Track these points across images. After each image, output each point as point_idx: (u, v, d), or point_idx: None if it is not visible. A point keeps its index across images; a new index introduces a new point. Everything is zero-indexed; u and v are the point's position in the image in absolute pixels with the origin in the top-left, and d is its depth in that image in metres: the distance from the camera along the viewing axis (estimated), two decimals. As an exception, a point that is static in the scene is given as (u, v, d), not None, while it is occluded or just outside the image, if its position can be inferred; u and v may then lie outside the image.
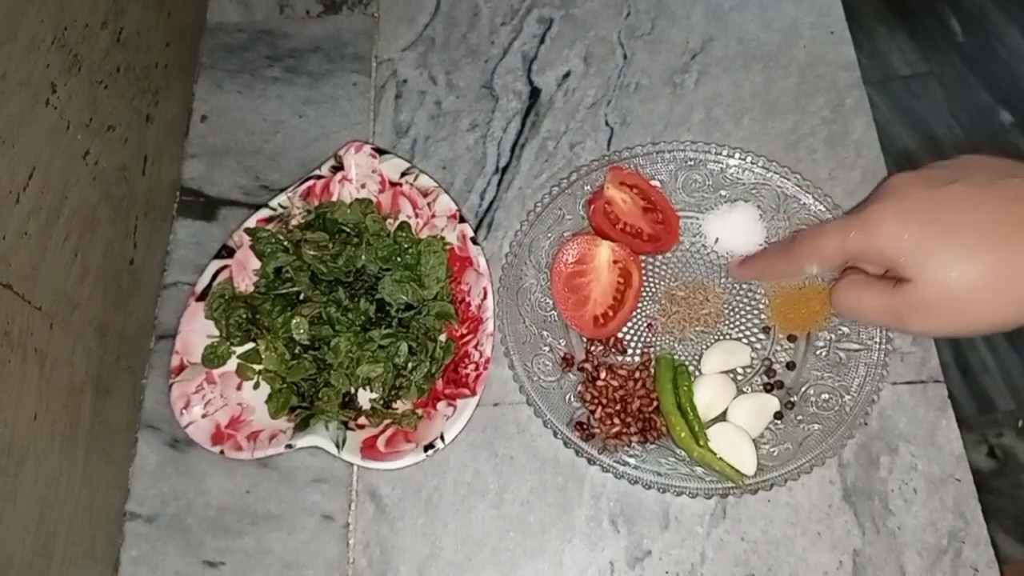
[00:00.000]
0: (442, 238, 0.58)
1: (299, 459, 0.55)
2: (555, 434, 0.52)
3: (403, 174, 0.60)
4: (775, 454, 0.51)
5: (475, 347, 0.55)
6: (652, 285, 0.58)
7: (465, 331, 0.56)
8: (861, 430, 0.52)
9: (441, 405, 0.54)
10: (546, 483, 0.54)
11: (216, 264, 0.58)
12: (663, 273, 0.58)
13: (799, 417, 0.52)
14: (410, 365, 0.55)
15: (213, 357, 0.56)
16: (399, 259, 0.57)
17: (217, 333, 0.56)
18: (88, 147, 0.52)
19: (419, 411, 0.55)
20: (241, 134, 0.66)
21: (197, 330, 0.56)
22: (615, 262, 0.56)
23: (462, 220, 0.58)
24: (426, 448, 0.51)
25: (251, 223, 0.59)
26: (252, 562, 0.53)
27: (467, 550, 0.53)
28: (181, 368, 0.55)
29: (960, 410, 0.55)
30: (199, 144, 0.66)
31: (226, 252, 0.58)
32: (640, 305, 0.57)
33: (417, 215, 0.60)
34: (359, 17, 0.71)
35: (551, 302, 0.57)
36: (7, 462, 0.43)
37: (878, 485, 0.53)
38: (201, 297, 0.57)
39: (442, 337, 0.56)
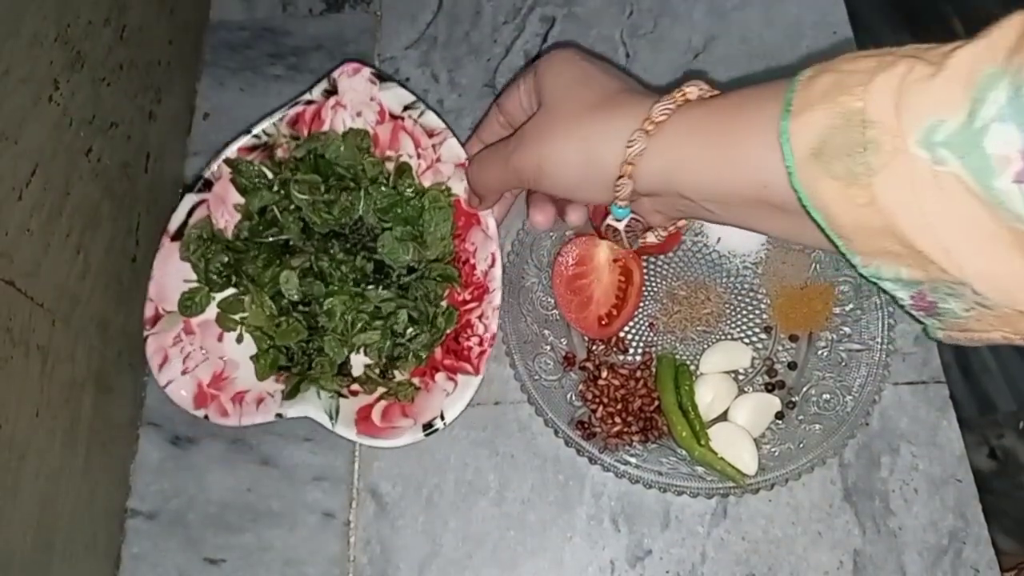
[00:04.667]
0: (448, 189, 0.53)
1: (300, 456, 0.55)
2: (556, 433, 0.52)
3: (406, 108, 0.54)
4: (776, 454, 0.51)
5: (479, 319, 0.51)
6: (654, 284, 0.58)
7: (468, 297, 0.52)
8: (862, 430, 0.52)
9: (440, 377, 0.51)
10: (547, 482, 0.54)
11: (192, 199, 0.53)
12: (665, 272, 0.58)
13: (800, 417, 0.52)
14: (409, 332, 0.51)
15: (190, 304, 0.51)
16: (399, 211, 0.52)
17: (194, 277, 0.52)
18: (91, 144, 0.52)
19: (416, 380, 0.52)
20: (243, 132, 0.66)
21: (172, 273, 0.51)
22: (615, 260, 0.56)
23: None
24: (425, 427, 0.49)
25: (231, 153, 0.53)
26: (253, 559, 0.53)
27: (468, 548, 0.53)
28: (157, 318, 0.51)
29: (961, 411, 0.55)
30: (201, 141, 0.66)
31: (203, 185, 0.53)
32: (642, 304, 0.57)
33: (419, 155, 0.54)
34: (361, 15, 0.71)
35: (552, 301, 0.57)
36: (8, 458, 0.43)
37: (879, 485, 0.53)
38: (176, 236, 0.52)
39: (443, 303, 0.53)
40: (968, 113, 0.28)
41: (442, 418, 0.49)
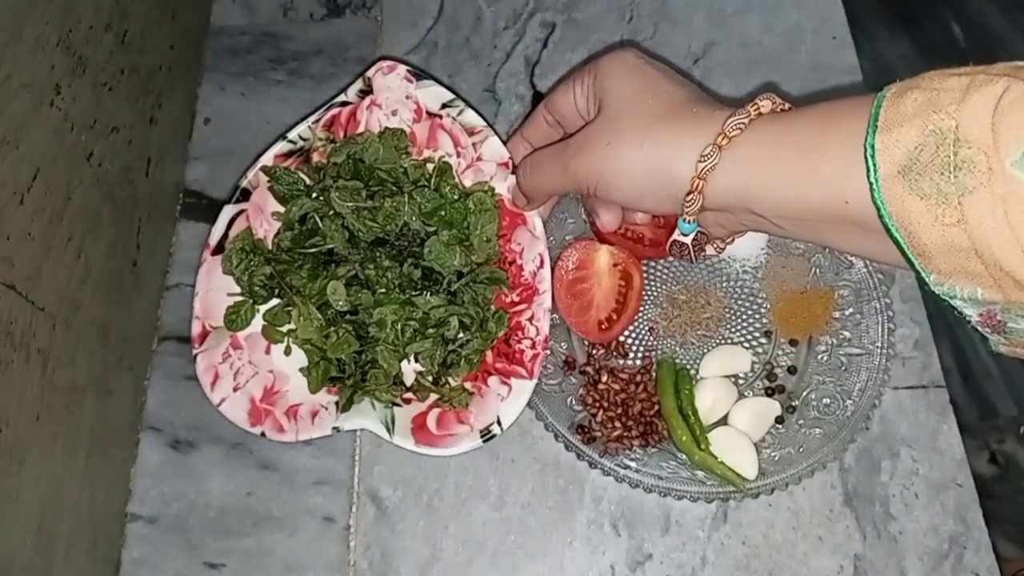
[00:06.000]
0: (491, 188, 0.52)
1: (301, 461, 0.55)
2: (556, 437, 0.52)
3: (444, 105, 0.53)
4: (776, 458, 0.51)
5: (530, 321, 0.51)
6: (654, 289, 0.58)
7: (517, 299, 0.52)
8: (863, 434, 0.52)
9: (493, 382, 0.50)
10: (547, 486, 0.54)
11: (231, 210, 0.52)
12: (665, 277, 0.58)
13: (800, 421, 0.52)
14: (460, 337, 0.50)
15: (236, 318, 0.50)
16: (444, 213, 0.50)
17: (237, 289, 0.51)
18: (92, 149, 0.52)
19: (468, 385, 0.51)
20: (244, 137, 0.66)
21: (216, 288, 0.51)
22: (615, 265, 0.56)
23: (515, 170, 0.52)
24: (483, 433, 0.48)
25: (268, 160, 0.53)
26: (253, 564, 0.53)
27: (468, 552, 0.53)
28: (204, 335, 0.50)
29: (962, 415, 0.55)
30: (202, 146, 0.66)
31: (241, 195, 0.52)
32: (642, 309, 0.57)
33: (459, 154, 0.53)
34: (362, 20, 0.71)
35: (552, 305, 0.57)
36: (9, 462, 0.43)
37: (879, 489, 0.53)
38: (217, 250, 0.51)
39: (491, 306, 0.52)
40: None
41: (499, 423, 0.49)
